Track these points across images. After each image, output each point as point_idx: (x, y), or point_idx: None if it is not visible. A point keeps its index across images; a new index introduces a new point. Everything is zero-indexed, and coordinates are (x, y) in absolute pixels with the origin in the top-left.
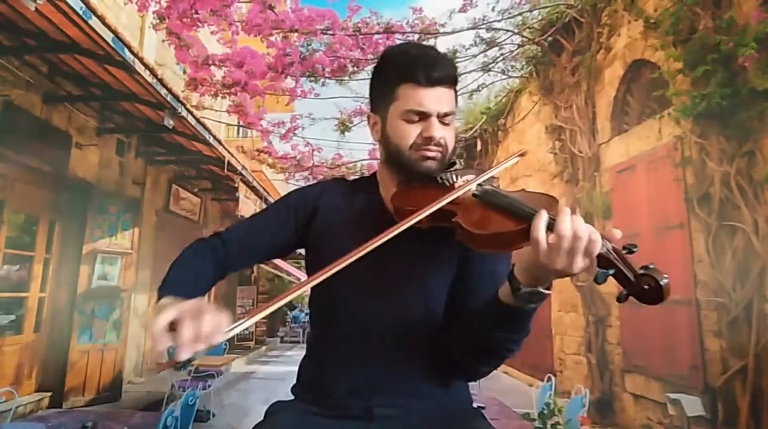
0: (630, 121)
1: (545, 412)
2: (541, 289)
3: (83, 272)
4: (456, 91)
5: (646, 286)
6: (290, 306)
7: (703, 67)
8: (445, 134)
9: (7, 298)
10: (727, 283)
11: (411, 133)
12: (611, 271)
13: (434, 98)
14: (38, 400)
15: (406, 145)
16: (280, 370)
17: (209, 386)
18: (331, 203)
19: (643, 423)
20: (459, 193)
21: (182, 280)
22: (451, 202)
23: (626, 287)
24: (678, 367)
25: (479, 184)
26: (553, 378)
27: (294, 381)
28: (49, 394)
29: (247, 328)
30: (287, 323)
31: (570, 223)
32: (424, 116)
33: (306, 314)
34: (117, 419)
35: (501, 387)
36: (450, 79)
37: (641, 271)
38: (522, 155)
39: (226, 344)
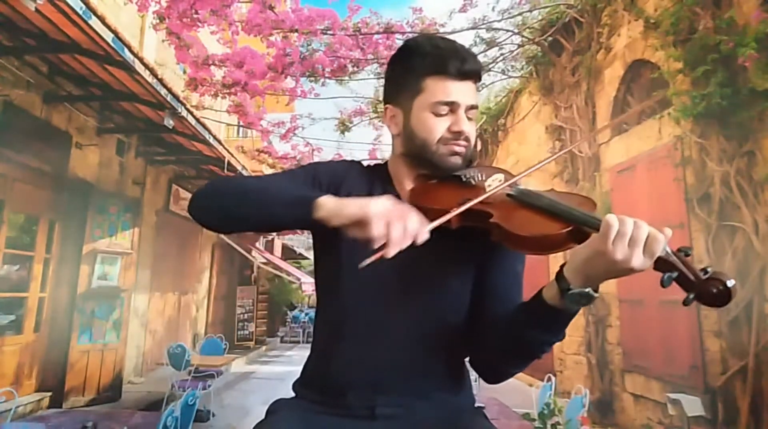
0: (630, 121)
1: (545, 412)
2: (591, 291)
3: (83, 272)
4: (478, 89)
5: (714, 290)
6: (290, 306)
7: (703, 67)
8: (470, 129)
9: (7, 298)
10: None
11: (439, 126)
12: (675, 274)
13: (463, 91)
14: (38, 400)
15: (434, 139)
16: (280, 370)
17: (209, 386)
18: (352, 187)
19: (643, 423)
20: (495, 191)
21: (300, 187)
22: (483, 202)
23: (690, 290)
24: (678, 367)
25: (512, 184)
26: (553, 378)
27: (294, 380)
28: (49, 394)
29: (247, 328)
30: (287, 323)
31: (631, 219)
32: (453, 109)
33: (306, 314)
34: (117, 419)
35: (501, 387)
36: (478, 74)
37: (706, 275)
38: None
39: (226, 344)
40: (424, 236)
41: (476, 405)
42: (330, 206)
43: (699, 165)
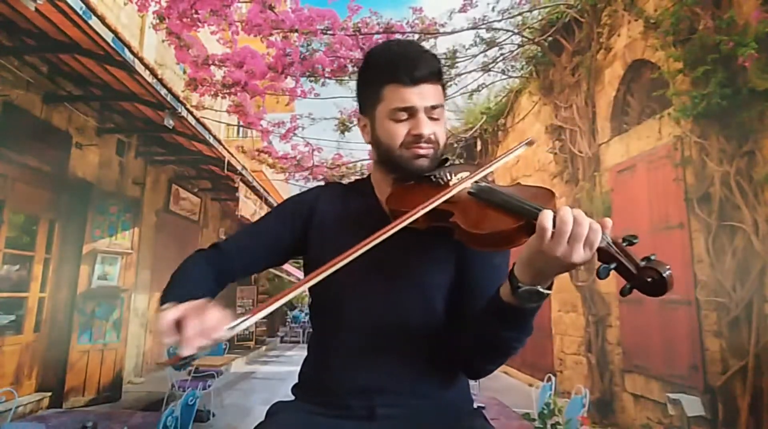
0: (630, 121)
1: (545, 412)
2: (540, 289)
3: (83, 272)
4: (443, 85)
5: (648, 279)
6: (290, 306)
7: (703, 67)
8: (435, 130)
9: (7, 298)
10: (727, 283)
11: (400, 131)
12: (613, 265)
13: (419, 94)
14: (38, 400)
15: (396, 145)
16: (280, 370)
17: (209, 386)
18: (327, 207)
19: (643, 423)
20: (453, 192)
21: (184, 289)
22: (447, 202)
23: (629, 280)
24: (678, 367)
25: (475, 181)
26: (553, 378)
27: (294, 381)
28: (49, 394)
29: (247, 328)
30: (287, 323)
31: (571, 211)
32: (411, 113)
33: (306, 314)
34: (117, 419)
35: (501, 387)
36: (434, 75)
37: (643, 264)
38: (529, 144)
39: (226, 344)
40: (221, 333)
41: (476, 405)
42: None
43: (699, 165)
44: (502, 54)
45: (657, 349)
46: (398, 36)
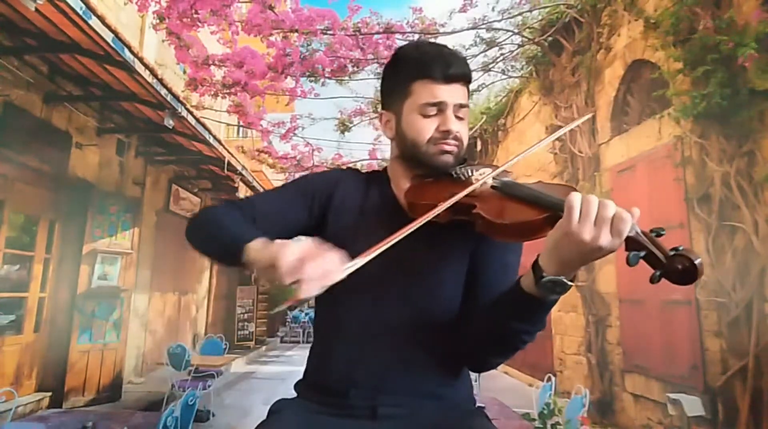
0: (630, 121)
1: (545, 412)
2: (564, 280)
3: (83, 272)
4: (469, 90)
5: (680, 266)
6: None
7: (703, 67)
8: (460, 128)
9: (7, 298)
10: (727, 283)
11: (428, 127)
12: (642, 253)
13: (450, 92)
14: (38, 400)
15: (424, 140)
16: (280, 370)
17: (209, 386)
18: (346, 194)
19: (643, 423)
20: (478, 185)
21: (252, 228)
22: (469, 195)
23: (658, 268)
24: (678, 367)
25: (495, 177)
26: (553, 378)
27: (294, 380)
28: (49, 394)
29: (247, 328)
30: (287, 323)
31: (597, 198)
32: (440, 109)
33: (306, 314)
34: (117, 419)
35: (501, 387)
36: (465, 77)
37: (672, 253)
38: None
39: (226, 344)
40: (338, 276)
41: (476, 405)
42: (254, 249)
43: (699, 165)
44: (502, 54)
45: (657, 349)
46: (398, 36)
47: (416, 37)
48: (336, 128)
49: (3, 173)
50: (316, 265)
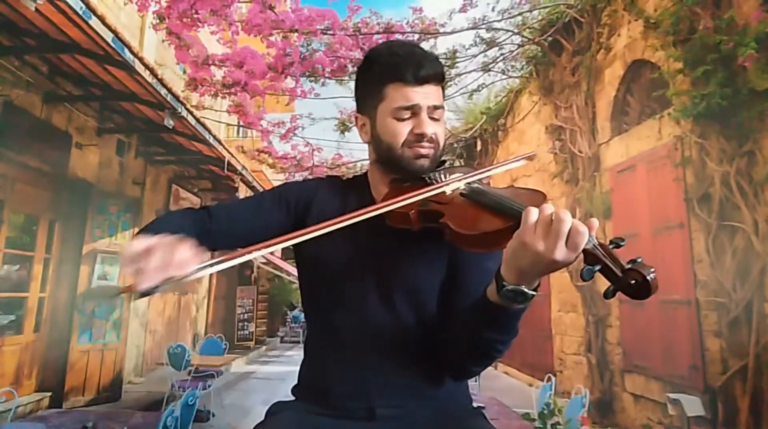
0: (630, 121)
1: (545, 412)
2: (525, 289)
3: (83, 272)
4: (443, 88)
5: (632, 282)
6: (290, 306)
7: (703, 67)
8: (436, 130)
9: (7, 298)
10: (727, 283)
11: (402, 130)
12: (597, 267)
13: (423, 94)
14: (38, 400)
15: (398, 143)
16: (280, 370)
17: (209, 386)
18: (324, 202)
19: (643, 423)
20: (441, 189)
21: (162, 226)
22: (438, 203)
23: (613, 283)
24: (678, 367)
25: (467, 183)
26: (553, 378)
27: (294, 381)
28: (49, 394)
29: (247, 328)
30: (287, 323)
31: (553, 208)
32: (414, 112)
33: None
34: (117, 419)
35: (501, 387)
36: (438, 77)
37: (628, 267)
38: (530, 159)
39: (226, 344)
40: (184, 271)
41: (476, 405)
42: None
43: (699, 165)
44: (502, 54)
45: (657, 349)
46: (398, 36)
47: (416, 37)
48: (336, 128)
49: (3, 173)
50: (159, 257)
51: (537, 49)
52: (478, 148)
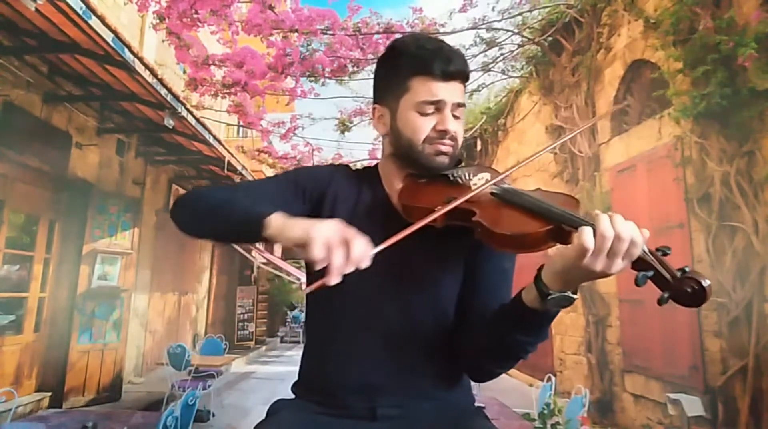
0: (630, 121)
1: (545, 412)
2: (570, 294)
3: (83, 272)
4: (466, 89)
5: (689, 289)
6: (290, 306)
7: (703, 67)
8: (457, 128)
9: (7, 298)
10: (727, 283)
11: (425, 125)
12: (650, 274)
13: (449, 90)
14: (38, 400)
15: (420, 139)
16: (280, 370)
17: (209, 386)
18: (339, 192)
19: (643, 423)
20: (477, 191)
21: (260, 201)
22: (467, 201)
23: (665, 289)
24: (678, 367)
25: (495, 183)
26: (553, 378)
27: (294, 380)
28: (49, 394)
29: (247, 328)
30: (287, 323)
31: (612, 225)
32: (438, 107)
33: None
34: (117, 419)
35: (501, 387)
36: (464, 75)
37: (680, 274)
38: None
39: (226, 344)
40: (366, 262)
41: (476, 405)
42: (277, 225)
43: (699, 165)
44: (502, 54)
45: (657, 349)
46: (398, 36)
47: None
48: (336, 128)
49: (3, 173)
50: (342, 253)
51: (537, 49)
52: (478, 148)
